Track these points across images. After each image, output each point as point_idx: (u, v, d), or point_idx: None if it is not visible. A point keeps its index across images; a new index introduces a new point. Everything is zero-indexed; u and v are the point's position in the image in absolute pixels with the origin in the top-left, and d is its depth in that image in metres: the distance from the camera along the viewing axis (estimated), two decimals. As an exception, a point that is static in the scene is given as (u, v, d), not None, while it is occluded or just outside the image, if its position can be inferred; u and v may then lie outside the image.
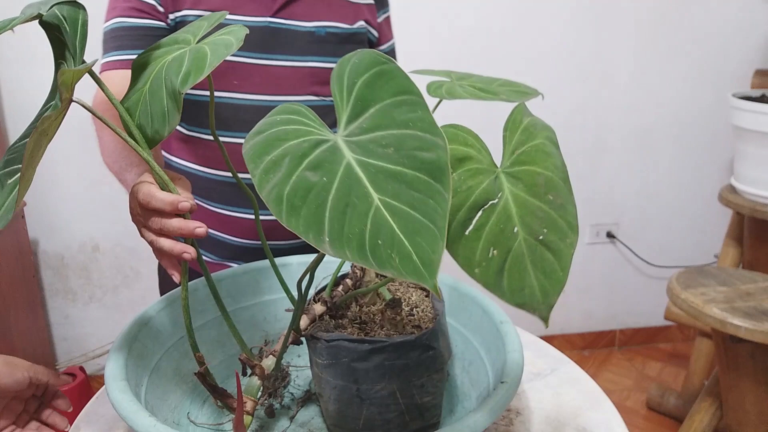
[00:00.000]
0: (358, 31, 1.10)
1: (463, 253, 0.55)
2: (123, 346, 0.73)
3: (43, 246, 2.00)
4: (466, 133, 0.61)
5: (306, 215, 0.49)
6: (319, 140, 0.54)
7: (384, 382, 0.67)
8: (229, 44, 0.66)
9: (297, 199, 0.50)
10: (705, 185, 2.34)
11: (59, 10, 0.66)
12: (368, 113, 0.56)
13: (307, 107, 0.59)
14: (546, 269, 0.55)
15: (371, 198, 0.50)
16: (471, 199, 0.57)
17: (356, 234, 0.48)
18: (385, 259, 0.47)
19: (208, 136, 1.07)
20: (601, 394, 0.86)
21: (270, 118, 0.58)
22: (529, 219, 0.57)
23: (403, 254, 0.47)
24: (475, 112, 1.06)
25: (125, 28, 1.00)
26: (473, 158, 0.59)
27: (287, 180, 0.51)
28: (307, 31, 1.05)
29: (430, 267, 0.46)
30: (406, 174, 0.51)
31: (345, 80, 0.58)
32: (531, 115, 0.65)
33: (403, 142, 0.53)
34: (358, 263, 0.47)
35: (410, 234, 0.48)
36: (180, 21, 1.01)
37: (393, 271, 0.46)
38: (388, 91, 0.56)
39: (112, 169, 0.95)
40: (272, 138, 0.55)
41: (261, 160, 0.54)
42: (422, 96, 0.56)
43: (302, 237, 0.48)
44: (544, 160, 0.60)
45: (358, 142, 0.54)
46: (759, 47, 2.23)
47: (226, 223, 1.10)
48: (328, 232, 0.48)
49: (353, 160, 0.52)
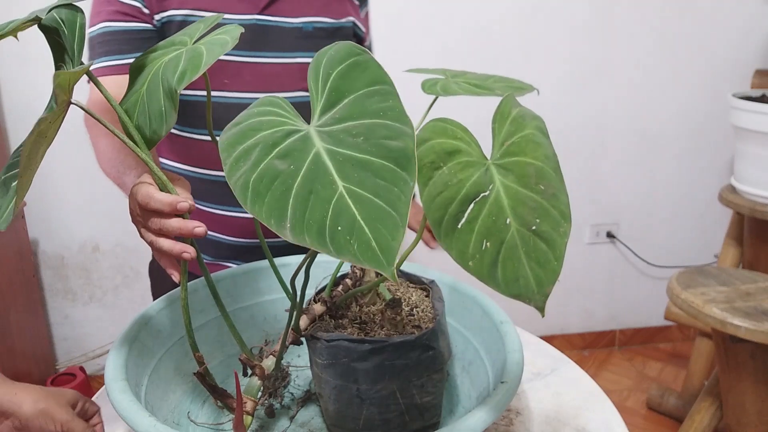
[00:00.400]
0: (345, 25, 1.11)
1: (456, 246, 0.55)
2: (123, 346, 0.73)
3: (43, 246, 2.00)
4: (455, 126, 0.61)
5: (270, 201, 0.50)
6: (291, 130, 0.55)
7: (384, 382, 0.67)
8: (225, 43, 0.66)
9: (262, 186, 0.51)
10: (705, 185, 2.34)
11: (58, 14, 0.67)
12: (342, 104, 0.56)
13: (285, 100, 0.60)
14: (540, 259, 0.55)
15: (336, 185, 0.50)
16: (462, 192, 0.57)
17: (317, 219, 0.49)
18: (343, 245, 0.47)
19: (198, 136, 1.06)
20: (601, 394, 0.86)
21: (249, 110, 0.59)
22: (521, 210, 0.56)
23: (362, 240, 0.47)
24: (471, 111, 1.06)
25: (111, 32, 0.99)
26: (463, 151, 0.59)
27: (255, 168, 0.52)
28: (295, 27, 1.06)
29: (388, 253, 0.47)
30: (373, 162, 0.51)
31: (321, 72, 0.59)
32: (519, 106, 0.64)
33: (373, 131, 0.53)
34: (317, 249, 0.47)
35: (371, 221, 0.48)
36: (167, 21, 1.01)
37: (350, 257, 0.47)
38: (362, 82, 0.57)
39: (110, 175, 0.95)
40: (246, 129, 0.56)
41: (234, 149, 0.55)
42: (394, 86, 0.57)
43: (264, 223, 0.49)
44: (534, 150, 0.60)
45: (329, 131, 0.55)
46: (759, 47, 2.23)
47: (219, 222, 1.10)
48: (289, 218, 0.49)
49: (322, 148, 0.53)
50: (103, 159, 0.96)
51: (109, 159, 0.94)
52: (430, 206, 0.56)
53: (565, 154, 2.26)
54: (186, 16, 1.00)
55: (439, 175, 0.57)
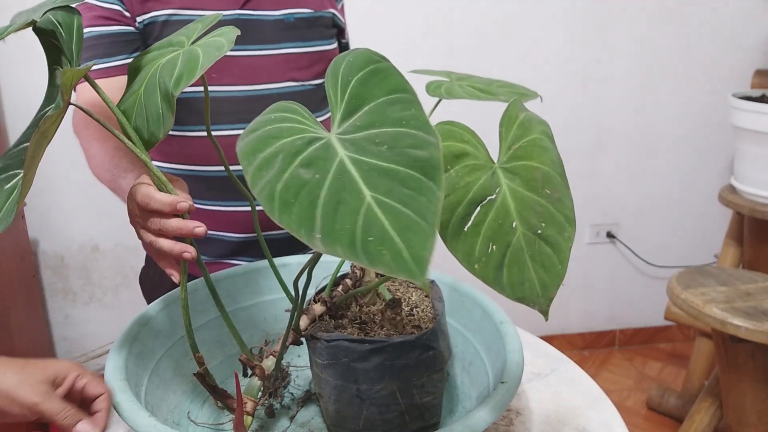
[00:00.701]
0: (325, 15, 1.13)
1: (462, 249, 0.56)
2: (123, 346, 0.73)
3: (43, 246, 2.00)
4: (462, 129, 0.61)
5: (298, 212, 0.49)
6: (312, 138, 0.55)
7: (384, 382, 0.67)
8: (221, 45, 0.66)
9: (289, 195, 0.50)
10: (705, 185, 2.34)
11: (53, 16, 0.67)
12: (362, 111, 0.56)
13: (302, 106, 0.59)
14: (545, 263, 0.56)
15: (363, 195, 0.49)
16: (469, 195, 0.57)
17: (347, 230, 0.48)
18: (375, 256, 0.47)
19: (189, 133, 1.06)
20: (601, 394, 0.86)
21: (264, 116, 0.58)
22: (527, 213, 0.57)
23: (394, 250, 0.47)
24: (476, 114, 1.06)
25: (94, 37, 1.00)
26: (470, 154, 0.59)
27: (280, 177, 0.51)
28: (277, 19, 1.07)
29: (420, 263, 0.46)
30: (399, 171, 0.51)
31: (339, 78, 0.58)
32: (526, 110, 0.64)
33: (397, 140, 0.53)
34: (349, 259, 0.47)
35: (401, 230, 0.48)
36: (149, 23, 1.01)
37: (384, 267, 0.46)
38: (383, 89, 0.56)
39: (104, 179, 0.95)
40: (266, 136, 0.55)
41: (255, 157, 0.54)
42: (416, 94, 0.56)
43: (294, 234, 0.48)
44: (541, 154, 0.60)
45: (351, 139, 0.54)
46: (759, 47, 2.23)
47: (216, 218, 1.09)
48: (319, 229, 0.48)
49: (346, 157, 0.52)
50: (95, 163, 0.96)
51: (101, 163, 0.94)
52: None
53: (565, 154, 2.24)
54: (169, 16, 1.01)
55: (446, 178, 0.57)
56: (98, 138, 0.96)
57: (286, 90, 1.08)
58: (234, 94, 1.04)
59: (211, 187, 1.08)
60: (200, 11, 1.02)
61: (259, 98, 1.05)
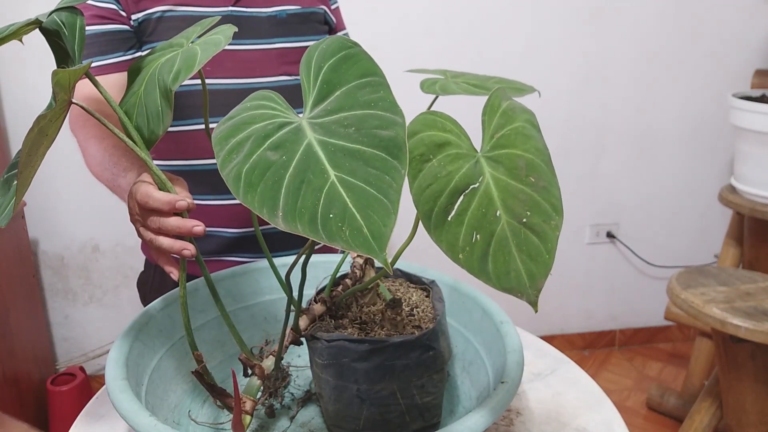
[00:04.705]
0: (317, 11, 1.14)
1: (446, 239, 0.55)
2: (123, 345, 0.73)
3: (43, 246, 2.00)
4: (444, 119, 0.60)
5: (262, 191, 0.51)
6: (283, 122, 0.56)
7: (384, 382, 0.67)
8: (218, 42, 0.68)
9: (255, 176, 0.52)
10: (705, 185, 2.34)
11: (58, 17, 0.68)
12: (333, 96, 0.57)
13: (278, 94, 0.60)
14: (531, 252, 0.55)
15: (327, 174, 0.51)
16: (451, 184, 0.56)
17: (309, 208, 0.49)
18: (335, 232, 0.48)
19: (184, 127, 1.07)
20: (601, 394, 0.86)
21: (242, 104, 0.60)
22: (512, 202, 0.56)
23: (354, 227, 0.48)
24: (476, 114, 1.06)
25: (90, 36, 1.01)
26: (452, 143, 0.59)
27: (247, 159, 0.53)
28: (269, 15, 1.09)
29: (379, 240, 0.47)
30: (365, 152, 0.52)
31: (312, 65, 0.60)
32: (510, 99, 0.64)
33: (364, 121, 0.54)
34: (309, 236, 0.48)
35: (363, 208, 0.49)
36: (144, 20, 1.03)
37: (342, 243, 0.47)
38: (353, 74, 0.58)
39: (102, 179, 0.95)
40: (239, 122, 0.57)
41: (227, 142, 0.55)
42: (385, 77, 0.57)
43: (257, 212, 0.50)
44: (525, 142, 0.59)
45: (321, 123, 0.55)
46: (759, 47, 2.23)
47: (213, 213, 1.09)
48: (282, 207, 0.50)
49: (314, 139, 0.54)
50: (93, 162, 0.96)
51: (100, 162, 0.94)
52: (419, 199, 0.55)
53: (565, 154, 2.26)
54: (164, 12, 1.02)
55: (428, 168, 0.57)
56: (96, 136, 0.96)
57: (279, 83, 1.08)
58: (227, 86, 1.05)
59: (204, 182, 1.08)
60: (193, 7, 1.04)
61: (253, 91, 1.06)
